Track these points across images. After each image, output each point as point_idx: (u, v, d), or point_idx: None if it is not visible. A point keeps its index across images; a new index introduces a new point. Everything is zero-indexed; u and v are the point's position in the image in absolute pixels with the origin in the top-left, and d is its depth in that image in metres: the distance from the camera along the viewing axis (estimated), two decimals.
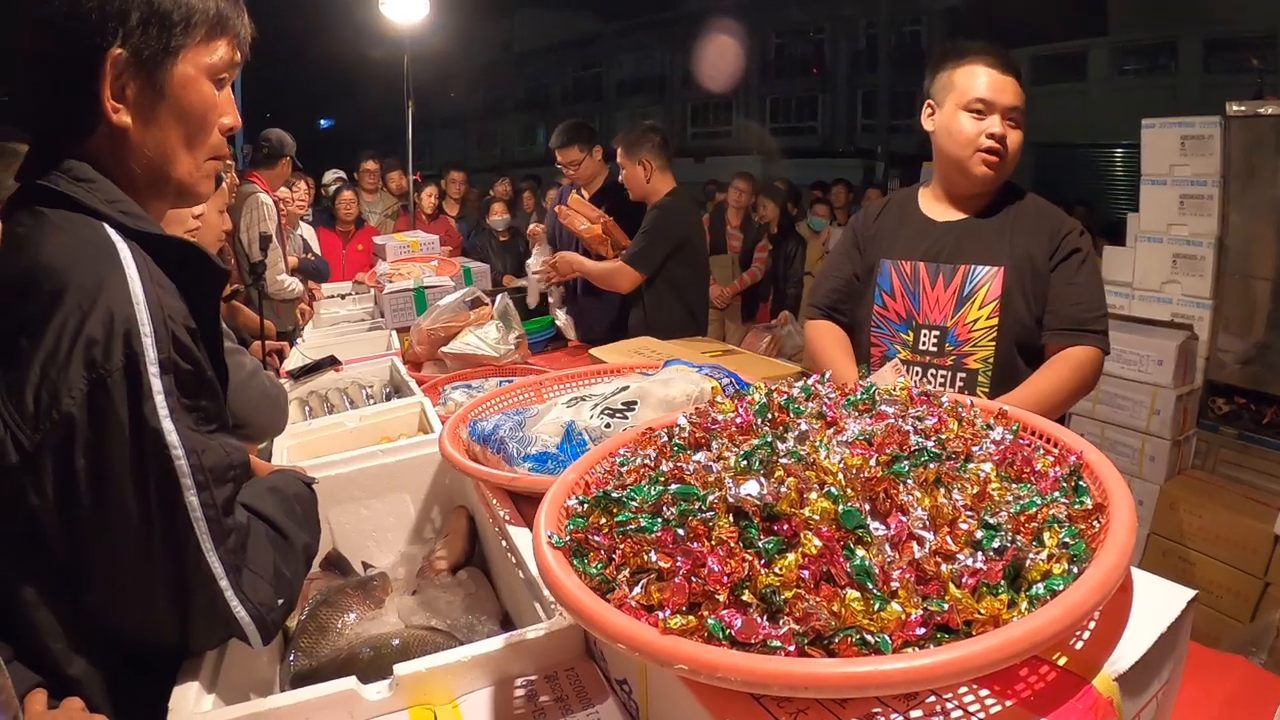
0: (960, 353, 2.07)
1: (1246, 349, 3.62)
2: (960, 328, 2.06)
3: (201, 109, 1.07)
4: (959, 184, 2.13)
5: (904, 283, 2.13)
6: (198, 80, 1.06)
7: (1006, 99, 2.01)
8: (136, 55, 0.99)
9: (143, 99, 1.02)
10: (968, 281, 2.06)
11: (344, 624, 1.36)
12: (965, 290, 2.06)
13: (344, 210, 6.64)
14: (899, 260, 2.15)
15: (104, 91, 0.99)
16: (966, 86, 2.03)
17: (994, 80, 2.02)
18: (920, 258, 2.12)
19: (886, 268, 2.16)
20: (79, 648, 0.97)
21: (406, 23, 7.78)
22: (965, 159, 2.05)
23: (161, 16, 1.00)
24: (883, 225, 2.25)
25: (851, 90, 23.47)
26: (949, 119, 2.06)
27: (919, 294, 2.11)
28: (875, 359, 2.18)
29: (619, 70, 28.94)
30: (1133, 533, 0.78)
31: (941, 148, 2.11)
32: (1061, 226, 2.07)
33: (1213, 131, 3.65)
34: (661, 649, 0.70)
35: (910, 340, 2.13)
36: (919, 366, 2.11)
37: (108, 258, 0.95)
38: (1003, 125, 2.01)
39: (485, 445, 1.46)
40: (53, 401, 0.89)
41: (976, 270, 2.06)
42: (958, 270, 2.08)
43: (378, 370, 2.83)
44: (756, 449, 0.91)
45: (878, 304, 2.16)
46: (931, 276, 2.10)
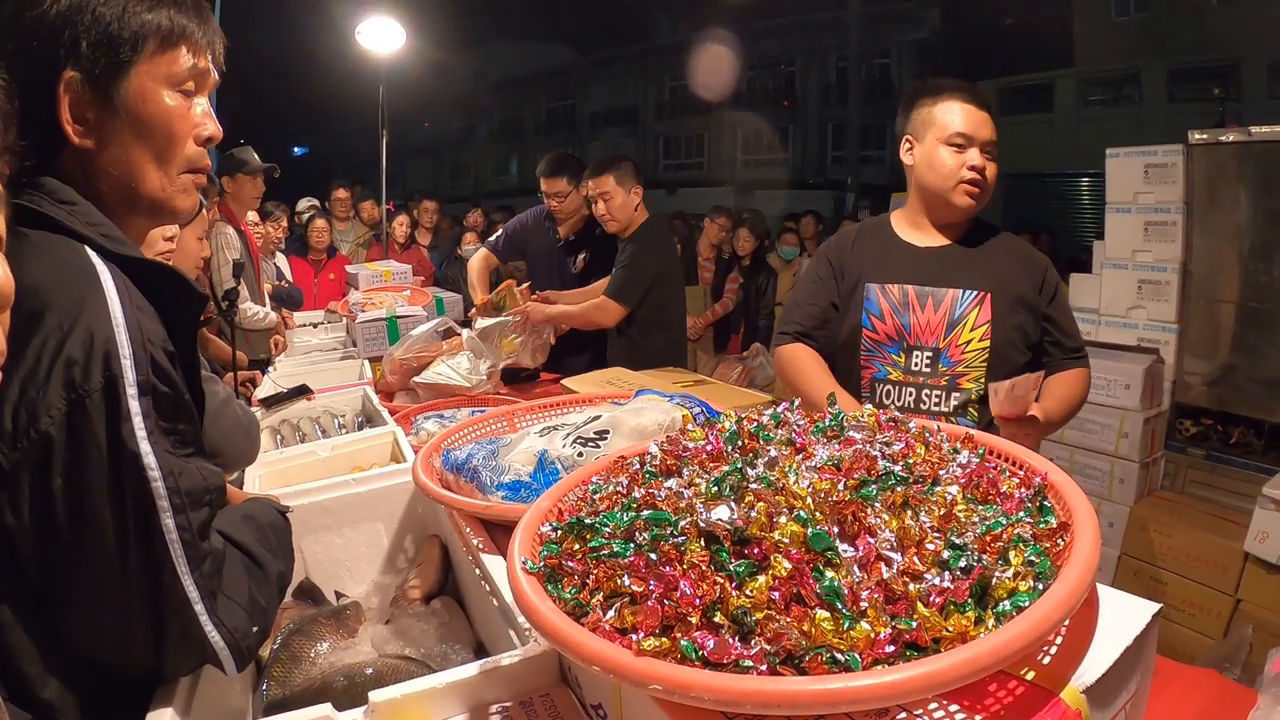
0: (954, 373, 2.13)
1: (1212, 371, 3.67)
2: (953, 349, 2.12)
3: (163, 121, 1.06)
4: (940, 213, 2.21)
5: (893, 306, 2.17)
6: (155, 92, 1.05)
7: (985, 133, 2.11)
8: (88, 75, 1.00)
9: (101, 118, 1.02)
10: (957, 305, 2.13)
11: (317, 653, 1.35)
12: (955, 313, 2.13)
13: (316, 239, 6.62)
14: (886, 284, 2.19)
15: (62, 114, 0.99)
16: (946, 121, 2.13)
17: (971, 115, 2.12)
18: (907, 281, 2.17)
19: (873, 291, 2.19)
20: (53, 670, 0.95)
21: (382, 52, 7.81)
22: (948, 190, 2.14)
23: (110, 34, 1.00)
24: (862, 251, 2.29)
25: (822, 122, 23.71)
26: (930, 153, 2.15)
27: (909, 316, 2.15)
28: (865, 380, 2.21)
29: (593, 102, 29.07)
30: (1096, 550, 0.79)
31: (923, 180, 2.19)
32: (1041, 264, 2.22)
33: (1176, 160, 3.72)
34: (636, 670, 0.71)
35: (902, 361, 2.17)
36: (912, 387, 2.16)
37: (88, 280, 0.95)
38: (981, 158, 2.11)
39: (458, 474, 1.46)
40: (31, 421, 0.89)
41: (965, 295, 2.13)
42: (946, 294, 2.14)
43: (350, 400, 2.82)
44: (727, 475, 0.91)
45: (866, 327, 2.19)
46: (920, 300, 2.15)
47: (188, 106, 1.09)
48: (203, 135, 1.12)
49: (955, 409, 2.13)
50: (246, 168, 4.62)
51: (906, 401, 2.16)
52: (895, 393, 2.18)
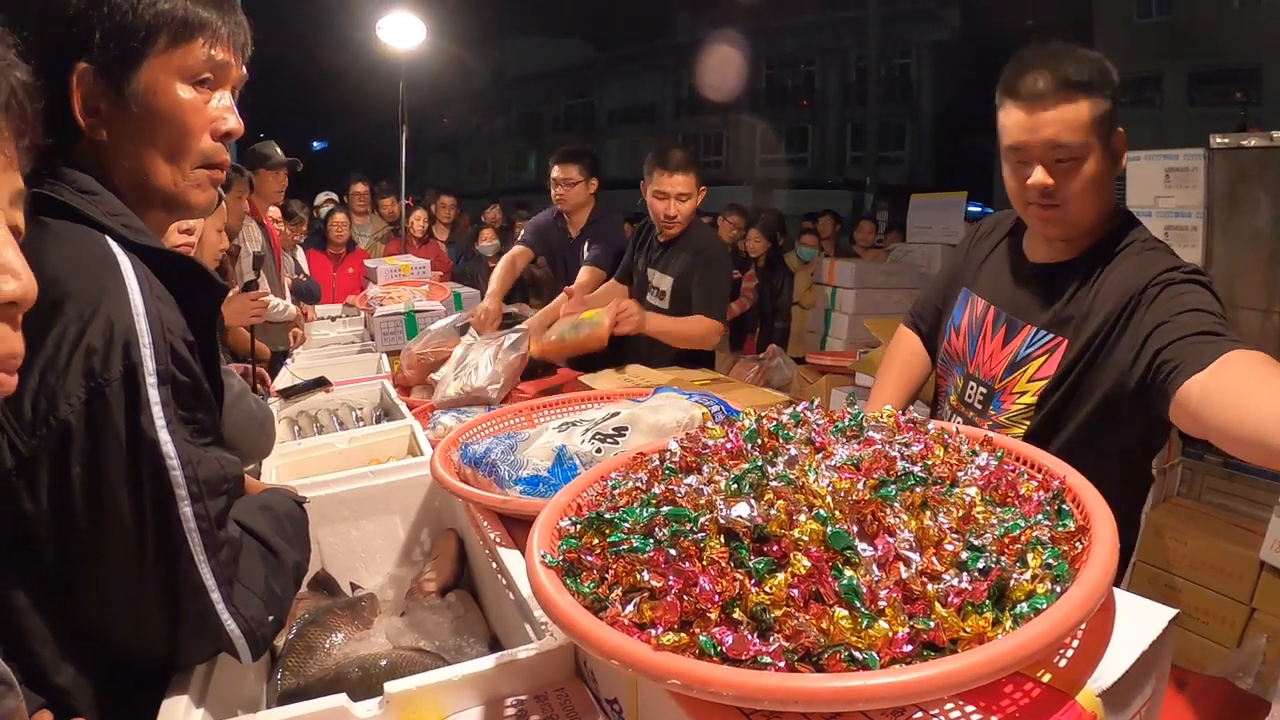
0: (998, 421, 1.73)
1: None
2: (1007, 395, 1.73)
3: (176, 114, 1.06)
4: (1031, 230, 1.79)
5: (970, 323, 1.84)
6: (168, 85, 1.05)
7: (1045, 134, 1.56)
8: (100, 66, 1.00)
9: (113, 110, 1.03)
10: (1026, 345, 1.71)
11: (332, 644, 1.36)
12: (1020, 354, 1.72)
13: (335, 233, 6.65)
14: (976, 294, 1.85)
15: (75, 105, 1.00)
16: (1003, 129, 1.64)
17: (1023, 120, 1.58)
18: (995, 298, 1.80)
19: (967, 298, 1.87)
20: (68, 656, 0.97)
21: (403, 48, 7.83)
22: (1023, 213, 1.71)
23: (122, 25, 1.00)
24: (980, 247, 1.93)
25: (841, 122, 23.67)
26: (1005, 168, 1.68)
27: (978, 340, 1.80)
28: (942, 392, 1.94)
29: (611, 99, 29.12)
30: (1114, 553, 0.79)
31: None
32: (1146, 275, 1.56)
33: (1197, 164, 3.68)
34: (655, 665, 0.72)
35: (960, 386, 1.85)
36: (960, 418, 1.82)
37: (109, 269, 0.96)
38: (1048, 169, 1.58)
39: (476, 468, 1.47)
40: (50, 408, 0.89)
41: (1038, 336, 1.69)
42: (1021, 329, 1.73)
43: (368, 393, 2.83)
44: (747, 473, 0.92)
45: (946, 335, 1.90)
46: (995, 326, 1.78)
47: (204, 100, 1.09)
48: (221, 130, 1.11)
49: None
50: (269, 162, 4.64)
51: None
52: (948, 419, 1.83)
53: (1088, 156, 1.57)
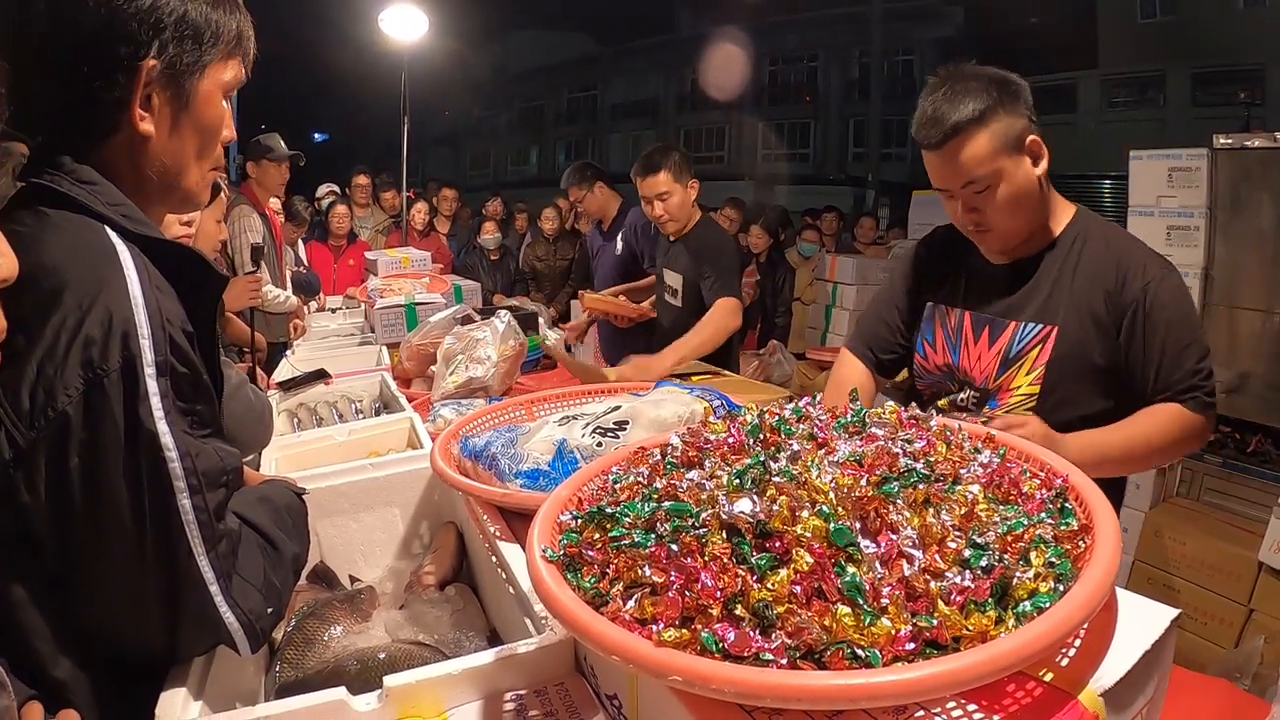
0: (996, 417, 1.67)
1: (1231, 379, 3.65)
2: (1003, 393, 1.80)
3: (216, 123, 1.10)
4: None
5: (946, 334, 1.89)
6: (215, 95, 1.09)
7: (955, 174, 1.69)
8: (169, 67, 1.02)
9: (168, 109, 1.04)
10: (1015, 340, 1.78)
11: (330, 637, 1.35)
12: (1012, 351, 1.78)
13: (337, 224, 6.65)
14: (945, 306, 1.90)
15: (135, 100, 1.01)
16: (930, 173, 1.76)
17: (935, 165, 1.73)
18: (969, 305, 1.86)
19: (932, 314, 1.92)
20: (65, 650, 0.96)
21: (405, 40, 7.82)
22: (967, 235, 1.81)
23: (195, 31, 1.03)
24: (933, 260, 1.97)
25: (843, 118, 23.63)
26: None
27: (960, 348, 1.86)
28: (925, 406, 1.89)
29: (613, 93, 29.05)
30: (1117, 553, 0.79)
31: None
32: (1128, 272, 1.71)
33: (1200, 163, 3.69)
34: (656, 661, 0.71)
35: (957, 398, 1.88)
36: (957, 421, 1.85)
37: (108, 259, 0.96)
38: (968, 201, 1.72)
39: (476, 461, 1.47)
40: (48, 400, 0.89)
41: (1026, 329, 1.77)
42: (1006, 327, 1.80)
43: (368, 385, 2.83)
44: (749, 468, 0.92)
45: (919, 354, 1.94)
46: (976, 330, 1.84)
47: (228, 111, 1.14)
48: (225, 136, 1.15)
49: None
50: (272, 154, 4.64)
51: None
52: None
53: (1001, 180, 1.68)
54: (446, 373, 2.56)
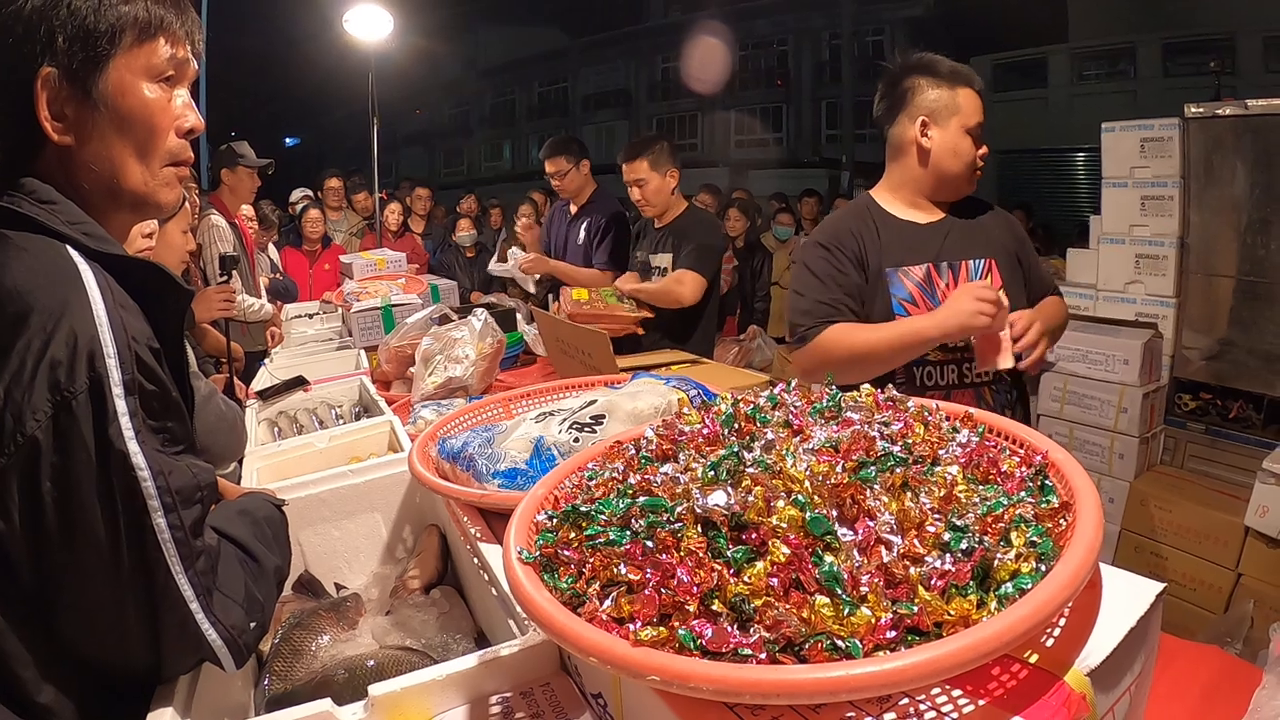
0: None
1: (1211, 345, 3.67)
2: None
3: (144, 113, 1.05)
4: (946, 194, 2.23)
5: (920, 287, 2.13)
6: (135, 85, 1.04)
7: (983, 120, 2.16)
8: (66, 70, 0.98)
9: (80, 114, 1.01)
10: (972, 276, 2.14)
11: (318, 646, 1.35)
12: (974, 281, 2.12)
13: (311, 229, 6.61)
14: (907, 267, 2.14)
15: (41, 111, 0.98)
16: (970, 110, 2.14)
17: (979, 105, 2.16)
18: (925, 260, 2.15)
19: (895, 276, 2.13)
20: (49, 675, 0.95)
21: (371, 40, 7.78)
22: (965, 176, 2.18)
23: (85, 28, 0.99)
24: (867, 237, 2.19)
25: (816, 101, 23.66)
26: (955, 139, 2.14)
27: (936, 295, 2.12)
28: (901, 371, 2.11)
29: (584, 85, 29.00)
30: (1100, 529, 0.78)
31: (941, 164, 2.16)
32: (1013, 221, 2.35)
33: (1172, 134, 3.71)
34: (633, 661, 0.70)
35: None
36: (953, 364, 2.13)
37: (71, 280, 0.94)
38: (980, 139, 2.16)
39: (454, 463, 1.45)
40: (17, 424, 0.88)
41: (975, 264, 2.15)
42: (961, 265, 2.14)
43: (347, 390, 2.81)
44: (723, 459, 0.90)
45: (899, 313, 2.10)
46: (940, 275, 2.14)
47: (168, 98, 1.08)
48: (184, 127, 1.10)
49: (993, 376, 2.13)
50: (244, 161, 4.60)
51: (950, 379, 2.13)
52: (937, 373, 2.13)
53: None
54: (426, 374, 2.54)
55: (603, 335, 2.46)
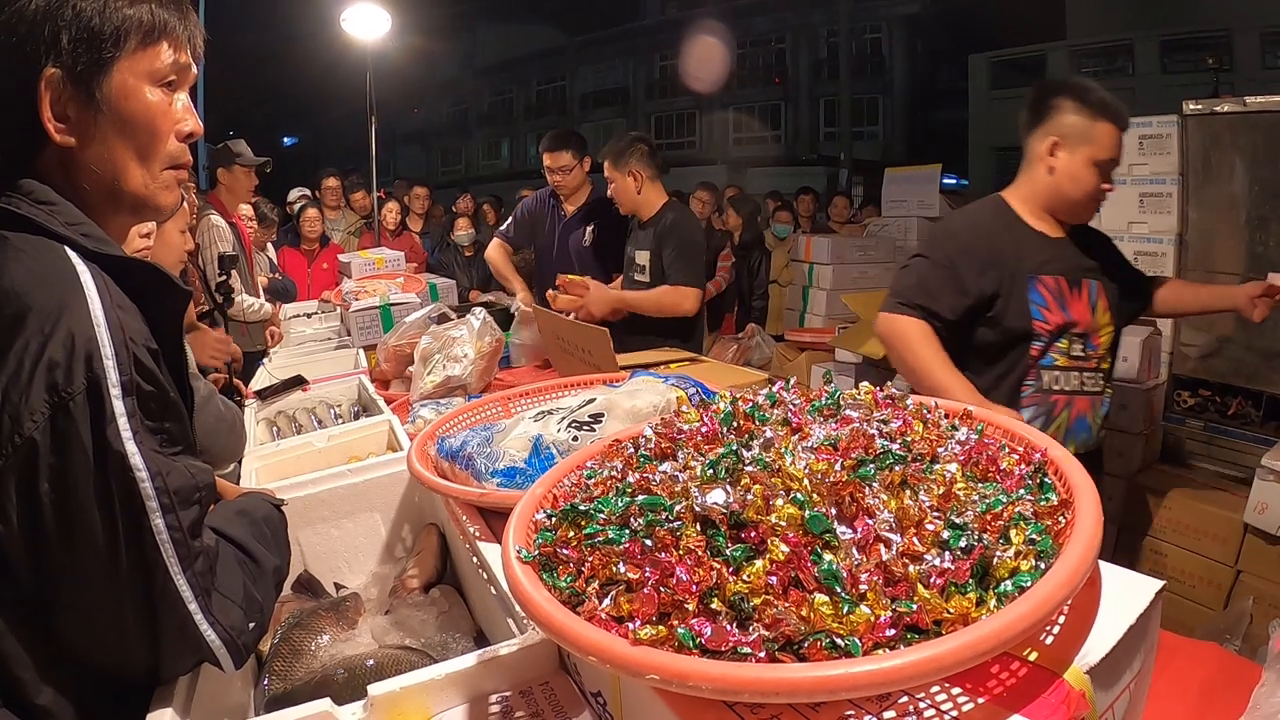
0: (1098, 355, 2.27)
1: (1209, 343, 3.67)
2: (1094, 335, 2.26)
3: (146, 117, 1.05)
4: (1060, 214, 2.30)
5: (1055, 296, 2.22)
6: (138, 88, 1.03)
7: (1119, 158, 2.24)
8: (70, 72, 0.98)
9: (83, 115, 1.00)
10: (1091, 294, 2.25)
11: (318, 646, 1.34)
12: (1092, 300, 2.24)
13: (309, 228, 6.59)
14: (1043, 275, 2.22)
15: (43, 112, 0.98)
16: (1106, 145, 2.19)
17: (1120, 144, 2.22)
18: (1058, 272, 2.23)
19: (1034, 283, 2.22)
20: (48, 677, 0.95)
21: (369, 39, 7.77)
22: (1082, 205, 2.26)
23: (90, 30, 0.98)
24: (1005, 243, 2.27)
25: (814, 98, 23.67)
26: (1080, 169, 2.20)
27: (1067, 308, 2.22)
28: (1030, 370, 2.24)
29: (582, 83, 29.02)
30: (1099, 527, 0.78)
31: (1061, 188, 2.24)
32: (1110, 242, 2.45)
33: (1170, 130, 3.71)
34: (632, 660, 0.70)
35: (1065, 348, 2.23)
36: (1076, 371, 2.25)
37: (68, 281, 0.94)
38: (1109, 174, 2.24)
39: (453, 462, 1.45)
40: (14, 426, 0.88)
41: (1091, 284, 2.25)
42: (1082, 283, 2.24)
43: (345, 389, 2.81)
44: (722, 457, 0.90)
45: (1037, 318, 2.21)
46: (1070, 289, 2.23)
47: (169, 102, 1.08)
48: (184, 131, 1.10)
49: (1101, 388, 2.29)
50: (240, 159, 4.59)
51: (1073, 385, 2.25)
52: (1063, 378, 2.24)
53: None
54: (424, 373, 2.54)
55: (603, 332, 2.45)
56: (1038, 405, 2.22)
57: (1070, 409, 2.24)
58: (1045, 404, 2.22)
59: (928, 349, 2.19)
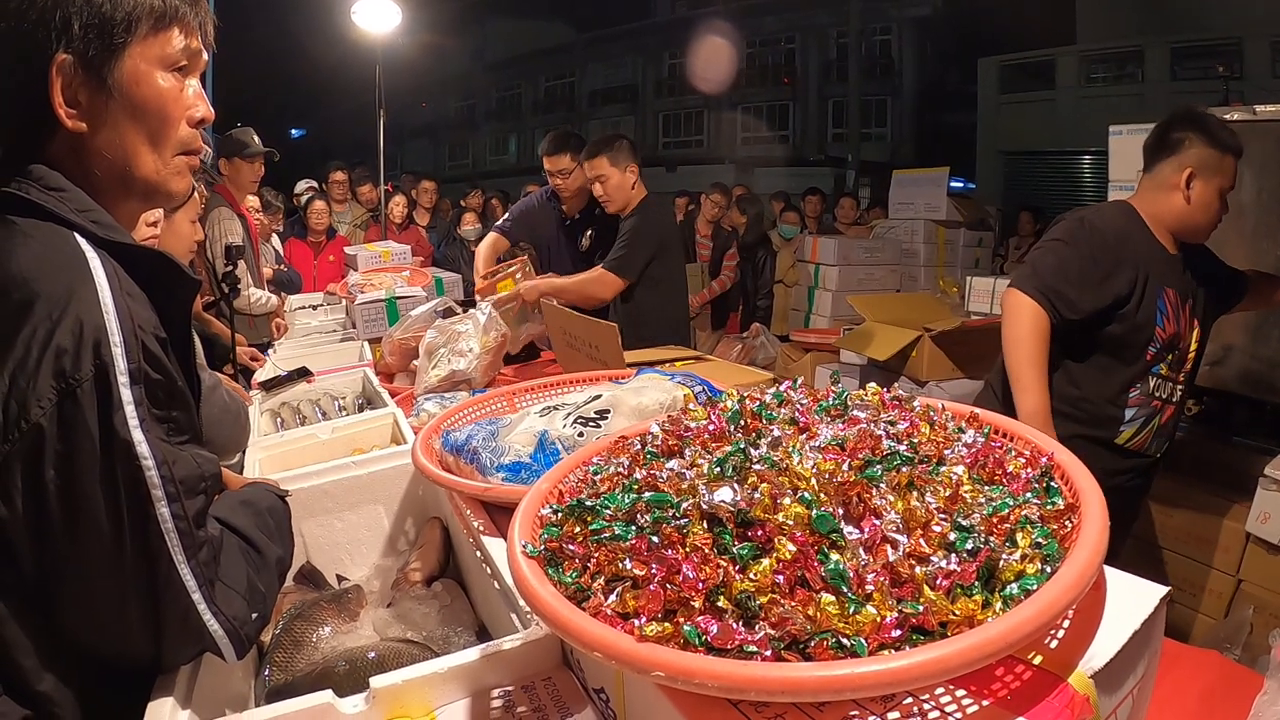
0: (1185, 370, 2.43)
1: (1215, 351, 3.65)
2: (1187, 351, 2.42)
3: (158, 102, 1.04)
4: (1187, 236, 2.42)
5: (1173, 308, 2.35)
6: (150, 74, 1.03)
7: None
8: (81, 57, 0.97)
9: (94, 101, 1.00)
10: (1192, 311, 2.40)
11: (319, 638, 1.35)
12: (1191, 317, 2.39)
13: (316, 220, 6.59)
14: (1165, 287, 2.34)
15: (54, 97, 0.97)
16: (1230, 176, 2.33)
17: (1236, 170, 2.35)
18: (1175, 286, 2.37)
19: (1162, 294, 2.34)
20: (49, 664, 0.95)
21: (378, 32, 7.76)
22: (1204, 230, 2.40)
23: (101, 15, 0.98)
24: (1140, 251, 2.37)
25: (822, 99, 23.65)
26: (1211, 199, 2.33)
27: (1178, 319, 2.35)
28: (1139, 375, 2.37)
29: (591, 80, 29.01)
30: (1105, 532, 0.78)
31: (1191, 215, 2.36)
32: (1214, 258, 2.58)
33: None
34: (638, 657, 0.70)
35: (1170, 359, 2.38)
36: (1171, 382, 2.42)
37: (78, 267, 0.94)
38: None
39: (458, 456, 1.45)
40: (21, 412, 0.88)
41: (1193, 302, 2.40)
42: (1188, 299, 2.39)
43: (350, 382, 2.81)
44: (730, 455, 0.90)
45: (1159, 325, 2.33)
46: (1181, 304, 2.37)
47: (180, 88, 1.07)
48: (195, 117, 1.10)
49: (1181, 400, 2.46)
50: (247, 150, 4.58)
51: (1168, 393, 2.42)
52: (1164, 387, 2.40)
53: None
54: (429, 366, 2.54)
55: (612, 328, 2.45)
56: (1141, 407, 2.38)
57: (1161, 415, 2.41)
58: (1148, 407, 2.38)
59: (1034, 341, 2.28)
